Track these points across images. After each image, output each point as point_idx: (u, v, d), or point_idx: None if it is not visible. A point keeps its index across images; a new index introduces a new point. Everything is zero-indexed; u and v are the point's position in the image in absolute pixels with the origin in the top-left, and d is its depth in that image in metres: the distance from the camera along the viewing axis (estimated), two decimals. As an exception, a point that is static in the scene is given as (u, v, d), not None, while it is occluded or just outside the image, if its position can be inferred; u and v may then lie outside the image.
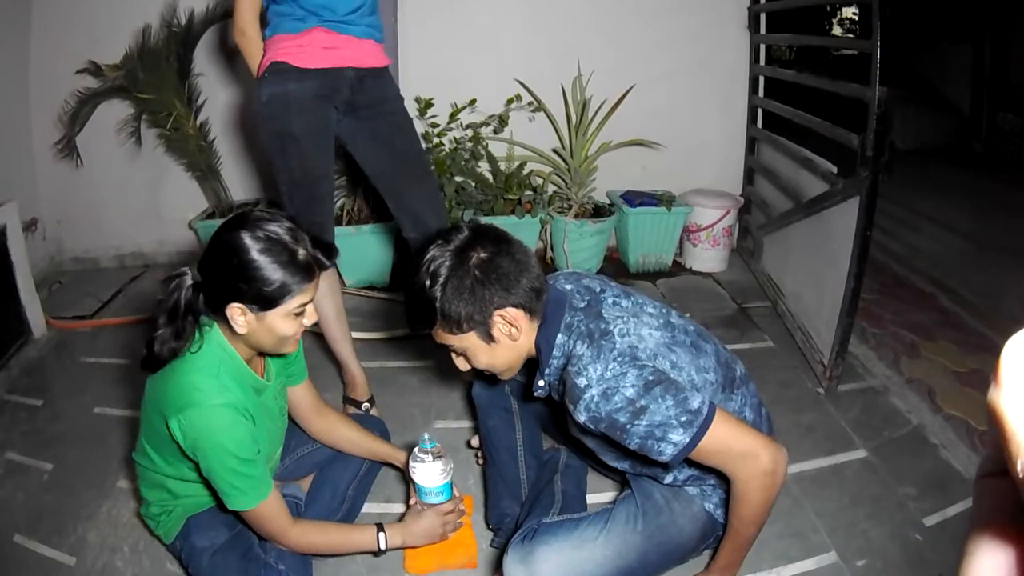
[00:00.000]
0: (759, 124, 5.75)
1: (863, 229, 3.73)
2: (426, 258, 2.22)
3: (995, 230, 6.10)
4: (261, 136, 3.24)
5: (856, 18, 13.25)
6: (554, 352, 2.34)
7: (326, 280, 3.26)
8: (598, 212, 5.47)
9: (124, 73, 4.96)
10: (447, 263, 2.19)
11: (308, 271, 2.19)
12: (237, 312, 2.19)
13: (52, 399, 3.89)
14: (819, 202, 4.34)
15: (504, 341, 2.29)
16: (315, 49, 3.08)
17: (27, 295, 4.46)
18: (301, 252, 2.19)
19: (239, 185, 5.58)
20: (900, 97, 3.60)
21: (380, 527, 2.61)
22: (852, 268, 3.81)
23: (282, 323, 2.22)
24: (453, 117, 5.20)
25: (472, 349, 2.31)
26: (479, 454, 3.28)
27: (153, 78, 4.93)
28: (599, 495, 3.13)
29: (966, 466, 3.31)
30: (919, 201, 6.73)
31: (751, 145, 5.83)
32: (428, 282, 2.20)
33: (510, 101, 5.26)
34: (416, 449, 2.74)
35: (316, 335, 4.03)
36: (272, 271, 2.14)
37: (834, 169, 4.35)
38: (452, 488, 2.83)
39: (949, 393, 3.86)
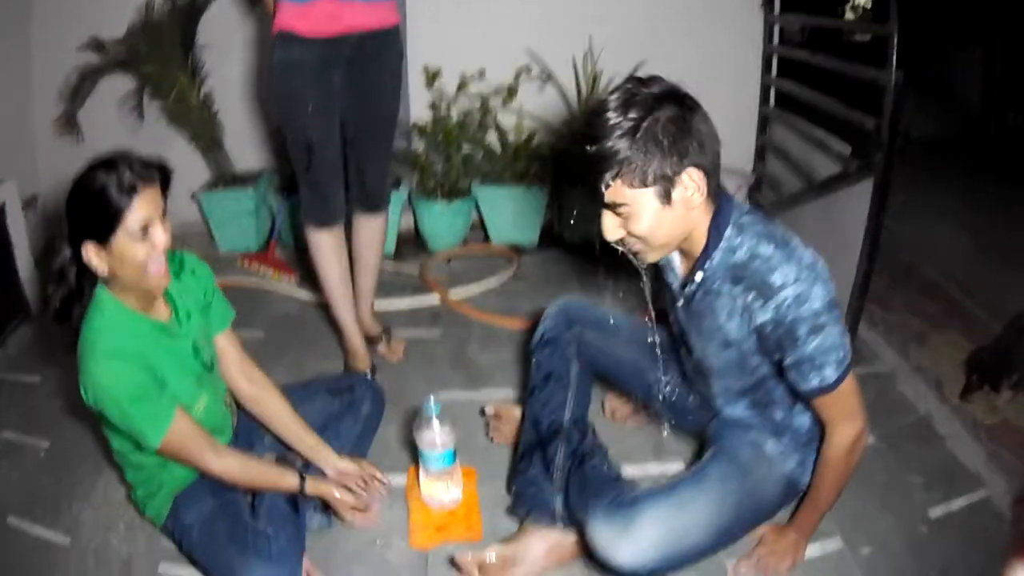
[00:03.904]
0: (771, 103, 5.69)
1: (876, 212, 3.71)
2: (614, 104, 2.08)
3: (1002, 226, 6.05)
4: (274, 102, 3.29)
5: (868, 7, 13.14)
6: (722, 244, 2.27)
7: (329, 244, 3.46)
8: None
9: (127, 48, 4.95)
10: (631, 117, 2.04)
11: (132, 187, 2.14)
12: (91, 254, 2.18)
13: (50, 377, 3.86)
14: (831, 183, 4.31)
15: (679, 208, 2.16)
16: (320, 17, 3.12)
17: (26, 273, 4.42)
18: (123, 171, 2.15)
19: (242, 155, 5.54)
20: (912, 88, 3.56)
21: (303, 475, 2.62)
22: (865, 250, 3.78)
23: (129, 248, 2.17)
24: (461, 87, 5.16)
25: (641, 210, 2.15)
26: (491, 425, 3.28)
27: (156, 51, 4.93)
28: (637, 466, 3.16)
29: (972, 461, 3.29)
30: (926, 193, 6.68)
31: (763, 124, 5.78)
32: (613, 133, 2.05)
33: (519, 72, 5.22)
34: (420, 413, 2.73)
35: (322, 306, 4.02)
36: (96, 195, 2.12)
37: (848, 150, 4.32)
38: (455, 456, 2.83)
39: (956, 385, 3.78)
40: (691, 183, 2.13)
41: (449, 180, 5.21)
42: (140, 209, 2.15)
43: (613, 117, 2.05)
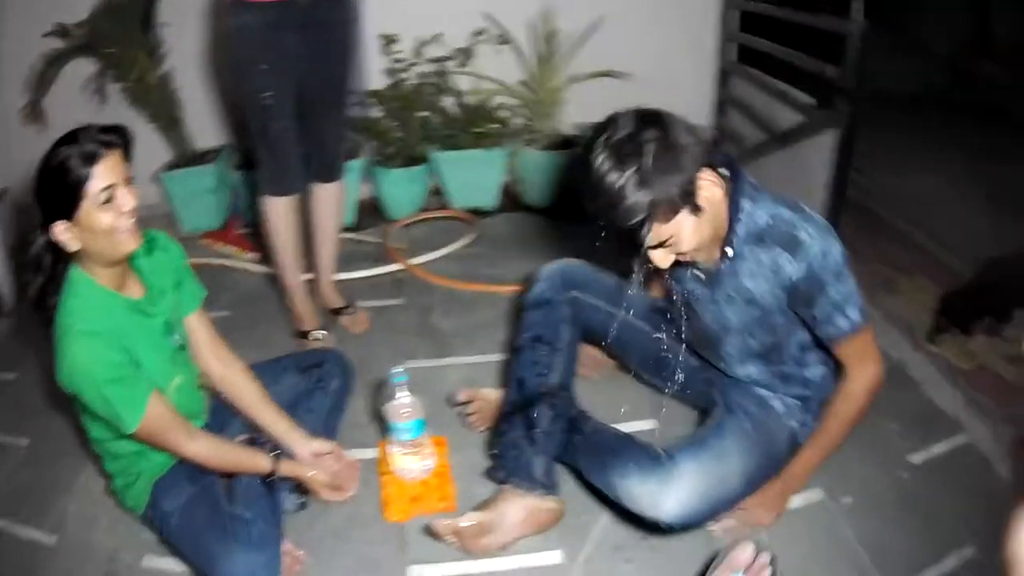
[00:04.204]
0: (732, 57, 5.66)
1: (841, 160, 3.77)
2: (602, 170, 2.11)
3: (971, 175, 6.08)
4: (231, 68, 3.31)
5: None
6: (742, 216, 2.35)
7: (284, 212, 3.47)
8: (566, 144, 5.37)
9: (89, 30, 4.86)
10: (632, 157, 2.08)
11: (92, 155, 2.12)
12: (61, 231, 2.15)
13: (26, 372, 3.78)
14: (795, 134, 4.32)
15: (708, 208, 2.23)
16: None
17: (0, 267, 4.33)
18: (84, 140, 2.13)
19: (203, 133, 5.44)
20: (879, 38, 3.59)
21: (276, 458, 2.62)
22: (830, 202, 3.82)
23: (97, 217, 2.14)
24: (418, 52, 5.10)
25: (683, 232, 2.22)
26: (471, 411, 3.21)
27: (118, 32, 4.83)
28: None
29: (950, 405, 3.30)
30: (893, 140, 6.69)
31: (723, 78, 5.75)
32: (626, 187, 2.08)
33: (476, 34, 5.16)
34: (386, 385, 2.72)
35: (266, 276, 4.06)
36: (58, 170, 2.11)
37: (811, 100, 4.29)
38: (424, 426, 2.81)
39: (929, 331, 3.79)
40: (707, 182, 2.21)
41: (407, 147, 5.15)
42: (102, 175, 2.12)
43: (615, 178, 2.09)
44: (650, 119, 2.14)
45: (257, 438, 2.76)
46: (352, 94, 3.69)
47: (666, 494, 2.43)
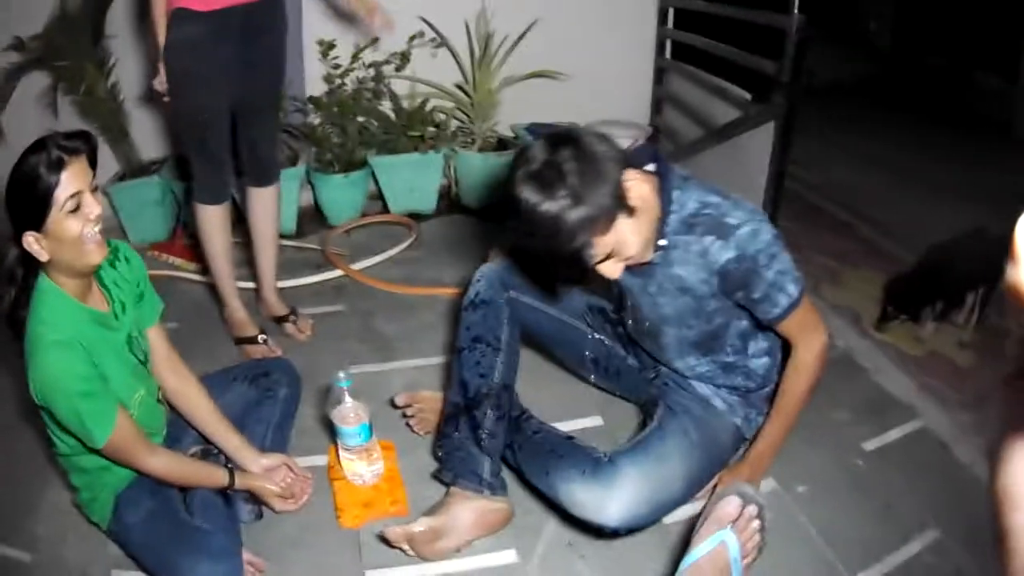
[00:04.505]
0: (668, 55, 5.71)
1: (779, 155, 3.79)
2: (531, 201, 2.14)
3: (914, 165, 6.18)
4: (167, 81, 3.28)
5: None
6: (672, 207, 2.39)
7: (216, 220, 3.48)
8: (503, 145, 5.40)
9: (44, 43, 4.79)
10: (557, 181, 2.12)
11: (59, 162, 2.11)
12: (32, 242, 2.14)
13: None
14: (732, 128, 4.34)
15: (641, 206, 2.27)
16: None
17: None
18: (50, 148, 2.12)
19: (149, 144, 5.35)
20: (818, 34, 3.66)
21: (231, 471, 2.65)
22: (769, 194, 3.86)
23: (65, 226, 2.14)
24: (355, 57, 5.05)
25: (625, 236, 2.26)
26: (411, 415, 3.18)
27: (70, 44, 4.77)
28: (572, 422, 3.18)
29: (902, 392, 3.34)
30: (834, 134, 6.79)
31: (659, 76, 5.81)
32: (559, 212, 2.12)
33: (412, 38, 5.12)
34: (331, 391, 2.71)
35: (208, 284, 3.99)
36: (27, 179, 2.10)
37: (748, 96, 4.33)
38: (371, 431, 2.80)
39: (875, 318, 3.83)
40: (633, 183, 2.24)
41: (345, 152, 5.12)
42: (69, 182, 2.13)
43: (548, 206, 2.13)
44: (560, 140, 2.19)
45: (210, 449, 2.75)
46: (284, 98, 3.75)
47: (609, 499, 2.44)
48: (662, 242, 2.41)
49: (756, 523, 2.30)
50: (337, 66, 5.03)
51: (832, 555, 2.60)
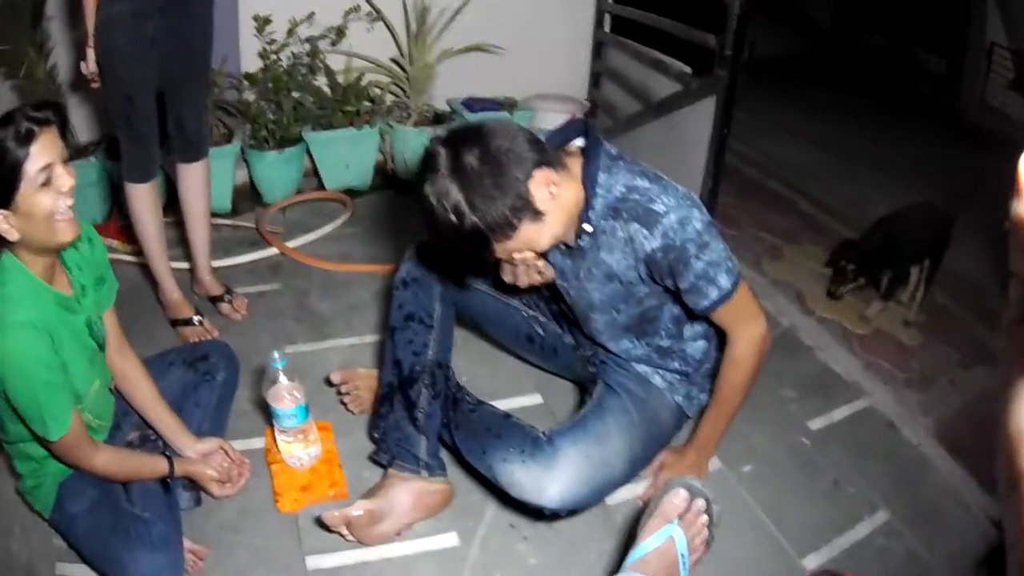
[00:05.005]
0: (607, 28, 5.67)
1: (720, 128, 3.80)
2: (431, 204, 2.14)
3: (853, 143, 6.25)
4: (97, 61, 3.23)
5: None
6: (598, 191, 2.33)
7: (146, 198, 3.44)
8: (438, 120, 5.38)
9: (-14, 29, 4.71)
10: (455, 187, 2.11)
11: (28, 134, 2.04)
12: (0, 220, 2.06)
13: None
14: (673, 102, 4.34)
15: (550, 206, 2.21)
16: None
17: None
18: (17, 118, 2.05)
19: (84, 127, 5.28)
20: (757, 9, 3.68)
21: (170, 458, 2.58)
22: (709, 168, 3.87)
23: (36, 201, 2.07)
24: (291, 32, 4.97)
25: (531, 237, 2.24)
26: (345, 393, 3.14)
27: (10, 28, 4.70)
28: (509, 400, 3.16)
29: (846, 368, 3.36)
30: (774, 111, 6.84)
31: (597, 49, 5.77)
32: (456, 218, 2.12)
33: (348, 12, 5.07)
34: (266, 371, 2.67)
35: (142, 265, 3.89)
36: None
37: (688, 69, 4.31)
38: (308, 411, 2.76)
39: (819, 296, 3.87)
40: (540, 186, 2.18)
41: (280, 128, 5.05)
42: (39, 155, 2.07)
43: (442, 213, 2.14)
44: (464, 139, 2.16)
45: (148, 435, 2.72)
46: (220, 75, 3.73)
47: (549, 480, 2.43)
48: (587, 227, 2.37)
49: (704, 518, 2.27)
50: (272, 41, 4.96)
51: (781, 537, 2.60)
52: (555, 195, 2.21)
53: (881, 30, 8.81)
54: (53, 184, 2.09)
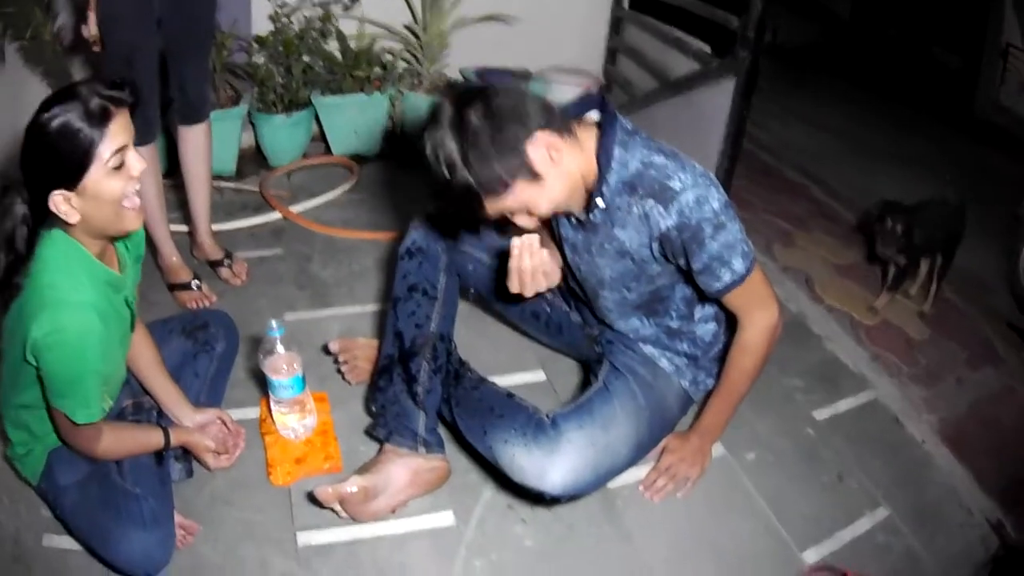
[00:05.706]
0: (626, 5, 5.62)
1: (739, 110, 3.75)
2: (428, 154, 2.14)
3: (867, 134, 6.24)
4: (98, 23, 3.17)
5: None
6: (613, 165, 2.28)
7: (148, 158, 3.15)
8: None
9: (-7, -10, 4.66)
10: (452, 140, 2.09)
11: (103, 113, 1.96)
12: (60, 201, 1.97)
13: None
14: (691, 81, 4.29)
15: (550, 170, 2.18)
16: None
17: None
18: (90, 98, 1.96)
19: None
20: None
21: (165, 430, 2.52)
22: (726, 150, 3.82)
23: (106, 184, 1.99)
24: (303, -5, 4.93)
25: (528, 198, 2.21)
26: (343, 363, 3.09)
27: None
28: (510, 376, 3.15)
29: (853, 359, 3.33)
30: (790, 98, 6.84)
31: (615, 25, 5.71)
32: (448, 171, 2.11)
33: (362, -25, 4.99)
34: (263, 339, 2.62)
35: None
36: (60, 133, 1.92)
37: (708, 48, 4.27)
38: (304, 382, 2.71)
39: (828, 284, 3.85)
40: (539, 147, 2.15)
41: (289, 92, 5.01)
42: (114, 137, 1.99)
43: (437, 164, 2.13)
44: (472, 95, 2.13)
45: (142, 403, 2.67)
46: (229, 37, 3.71)
47: (552, 466, 2.36)
48: (599, 202, 2.33)
49: None
50: (284, 4, 4.91)
51: (781, 528, 2.57)
52: (556, 160, 2.17)
53: (899, 24, 8.78)
54: (125, 168, 2.02)
